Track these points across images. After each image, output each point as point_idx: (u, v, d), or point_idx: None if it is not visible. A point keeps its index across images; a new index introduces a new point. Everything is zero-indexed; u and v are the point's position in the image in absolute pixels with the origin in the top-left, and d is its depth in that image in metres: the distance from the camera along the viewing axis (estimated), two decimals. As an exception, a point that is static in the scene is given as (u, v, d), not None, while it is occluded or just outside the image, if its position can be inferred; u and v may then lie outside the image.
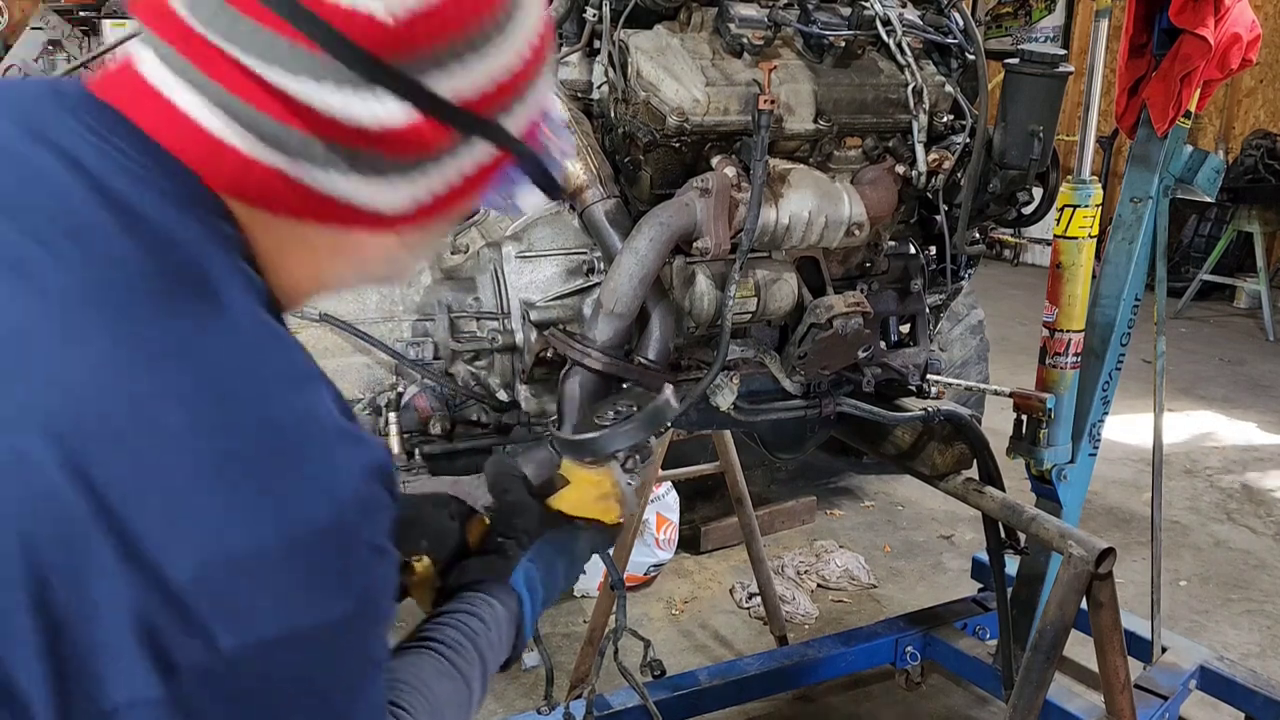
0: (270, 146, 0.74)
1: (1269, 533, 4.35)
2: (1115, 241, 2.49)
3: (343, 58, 0.72)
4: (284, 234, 0.79)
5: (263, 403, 0.68)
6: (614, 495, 1.30)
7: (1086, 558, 1.89)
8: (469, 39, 0.76)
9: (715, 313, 1.77)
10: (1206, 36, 2.22)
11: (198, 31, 0.72)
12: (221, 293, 0.70)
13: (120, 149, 0.72)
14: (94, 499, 0.61)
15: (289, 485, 0.67)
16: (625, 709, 2.53)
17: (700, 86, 1.72)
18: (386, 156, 0.76)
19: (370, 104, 0.74)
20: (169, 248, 0.70)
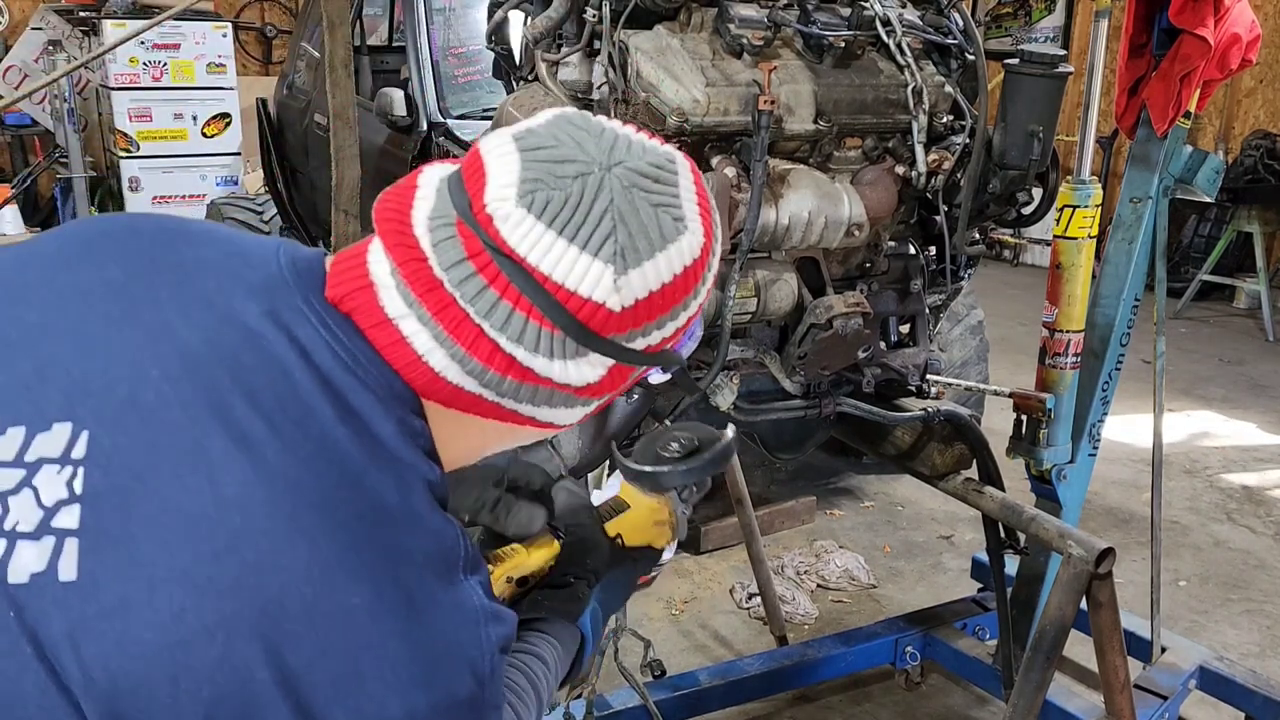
0: (483, 386, 0.85)
1: (1269, 533, 4.35)
2: (1115, 242, 2.49)
3: (574, 336, 0.83)
4: (463, 426, 0.90)
5: (426, 595, 0.78)
6: (669, 523, 1.37)
7: (1086, 558, 1.89)
8: (673, 312, 0.88)
9: (715, 313, 1.77)
10: (1206, 37, 2.22)
11: (451, 295, 0.82)
12: (409, 492, 0.81)
13: (344, 345, 0.83)
14: (280, 672, 0.72)
15: (438, 663, 0.78)
16: (625, 709, 2.53)
17: (700, 87, 1.72)
18: (577, 397, 0.89)
19: (582, 368, 0.86)
20: (372, 441, 0.80)
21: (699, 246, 0.87)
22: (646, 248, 0.83)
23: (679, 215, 0.86)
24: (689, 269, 0.86)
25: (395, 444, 0.81)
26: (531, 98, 1.86)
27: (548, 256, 0.81)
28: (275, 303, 0.83)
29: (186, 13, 5.28)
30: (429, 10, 4.44)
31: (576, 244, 0.81)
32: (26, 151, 7.49)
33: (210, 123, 6.68)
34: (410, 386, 0.84)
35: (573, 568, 1.27)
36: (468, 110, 4.29)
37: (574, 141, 0.84)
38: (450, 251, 0.82)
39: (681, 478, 1.33)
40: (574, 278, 0.81)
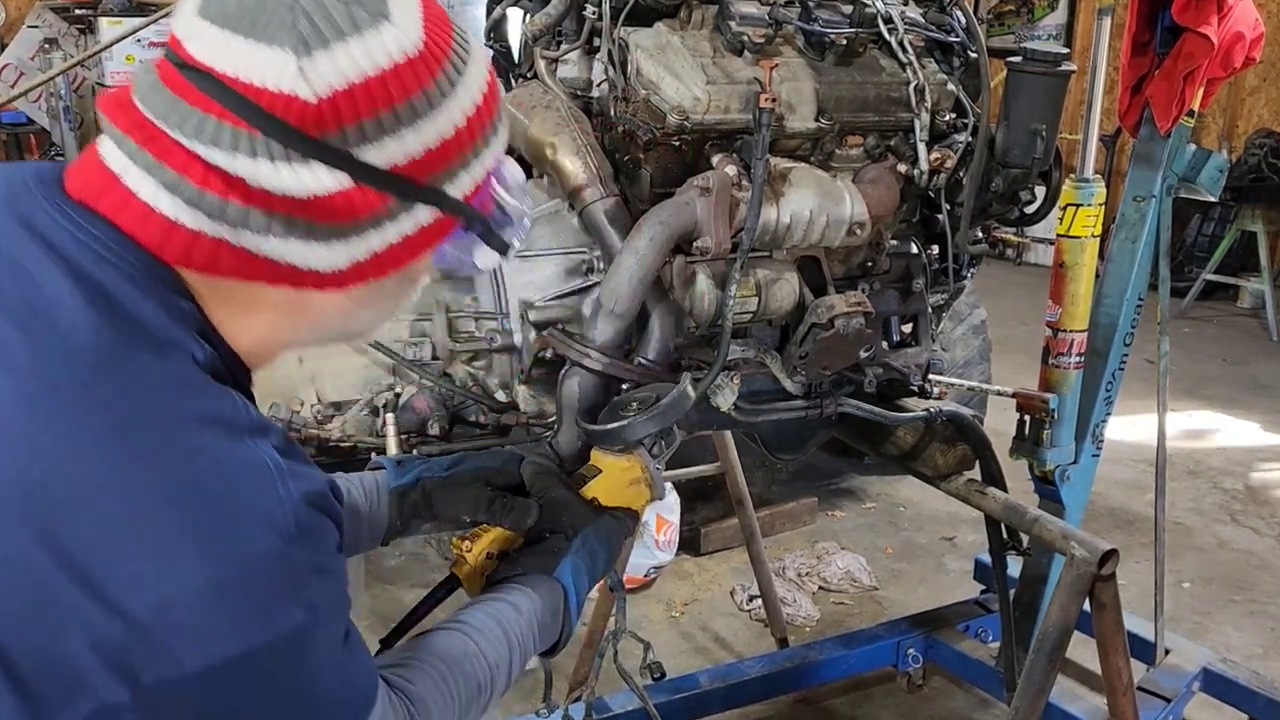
0: (214, 219, 0.82)
1: (1272, 534, 4.33)
2: (1118, 241, 2.48)
3: (274, 135, 0.80)
4: (238, 297, 0.87)
5: (207, 457, 0.77)
6: (644, 480, 1.38)
7: (1089, 559, 1.88)
8: (396, 113, 0.84)
9: (716, 312, 1.76)
10: (1209, 35, 2.21)
11: (148, 119, 0.82)
12: (172, 363, 0.80)
13: (90, 234, 0.82)
14: (61, 556, 0.71)
15: (235, 523, 0.76)
16: (625, 712, 2.52)
17: (701, 85, 1.71)
18: (319, 222, 0.84)
19: (302, 175, 0.81)
20: (129, 323, 0.79)
21: (410, 43, 0.84)
22: (333, 33, 0.81)
23: (380, 11, 0.83)
24: (401, 66, 0.83)
25: (156, 322, 0.80)
26: (530, 95, 1.84)
27: (228, 56, 0.80)
28: (18, 208, 0.83)
29: (186, 12, 5.27)
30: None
31: (254, 37, 0.80)
32: (22, 150, 7.50)
33: (208, 121, 6.67)
34: (170, 267, 0.83)
35: (546, 525, 1.29)
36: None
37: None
38: (145, 81, 0.83)
39: (641, 428, 1.37)
40: (256, 71, 0.80)
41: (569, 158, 1.73)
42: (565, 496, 1.32)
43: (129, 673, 0.72)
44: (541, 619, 1.19)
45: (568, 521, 1.29)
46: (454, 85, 0.87)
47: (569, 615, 1.23)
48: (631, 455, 1.38)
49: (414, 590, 3.61)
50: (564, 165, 1.73)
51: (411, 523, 1.34)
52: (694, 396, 1.40)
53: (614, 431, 1.37)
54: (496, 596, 1.18)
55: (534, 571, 1.23)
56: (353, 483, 1.31)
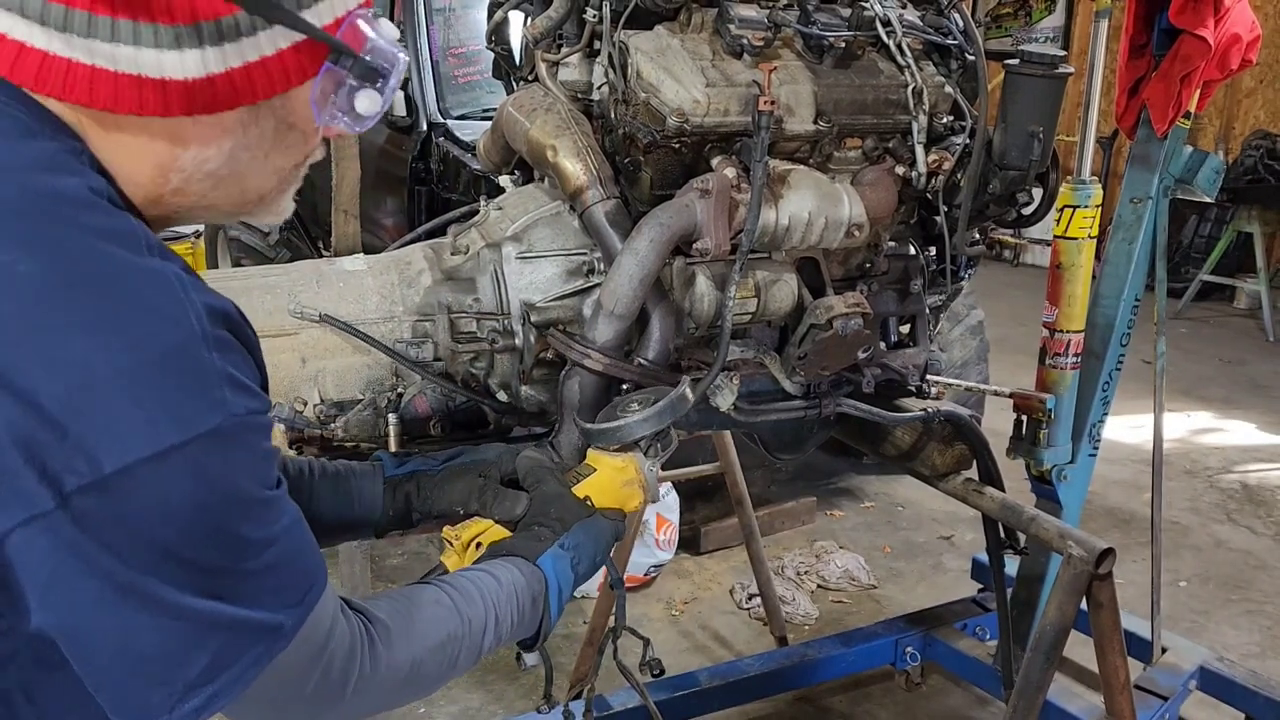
0: (64, 32, 0.79)
1: (1269, 533, 4.35)
2: (1115, 242, 2.49)
3: None
4: (120, 135, 0.85)
5: (109, 259, 0.77)
6: (638, 481, 1.37)
7: (1086, 558, 1.89)
8: None
9: (715, 313, 1.77)
10: (1206, 37, 2.22)
11: None
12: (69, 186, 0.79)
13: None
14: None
15: (139, 316, 0.76)
16: (625, 709, 2.53)
17: (700, 87, 1.72)
18: (163, 24, 0.81)
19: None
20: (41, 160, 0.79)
21: None
22: None
23: None
24: None
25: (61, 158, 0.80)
26: (531, 98, 1.86)
27: None
28: None
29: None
30: (429, 10, 4.44)
31: None
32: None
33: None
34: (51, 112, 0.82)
35: (534, 517, 1.28)
36: (468, 110, 4.29)
37: None
38: None
39: (637, 428, 1.37)
40: None
41: (570, 160, 1.74)
42: (557, 491, 1.31)
43: (52, 477, 0.72)
44: (521, 598, 1.16)
45: (556, 515, 1.28)
46: None
47: (549, 606, 1.21)
48: (627, 456, 1.38)
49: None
50: (565, 167, 1.75)
51: (407, 513, 1.35)
52: (692, 399, 1.40)
53: (610, 430, 1.37)
54: (476, 567, 1.17)
55: (517, 555, 1.21)
56: (350, 468, 1.34)
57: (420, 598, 1.05)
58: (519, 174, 2.02)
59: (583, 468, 1.39)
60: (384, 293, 1.77)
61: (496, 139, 1.97)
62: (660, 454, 1.43)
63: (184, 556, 0.77)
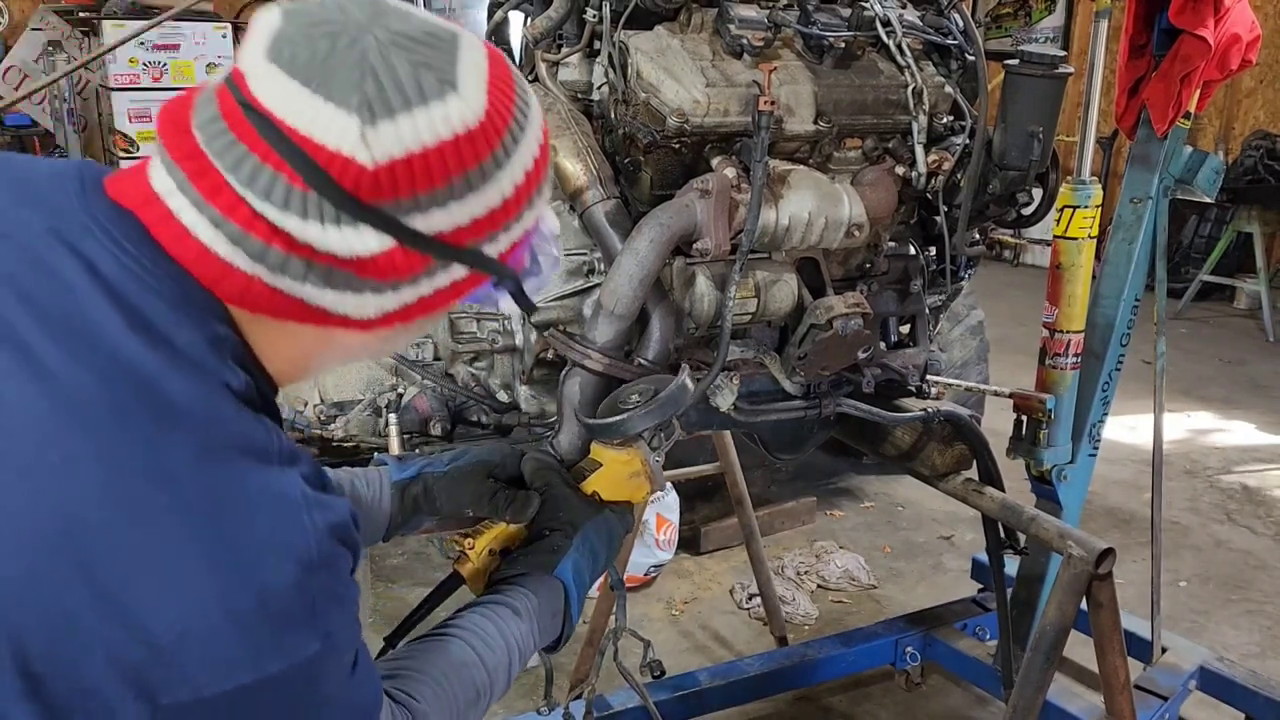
0: (254, 260, 0.82)
1: (1269, 533, 4.35)
2: (1115, 242, 2.49)
3: (327, 195, 0.80)
4: (272, 329, 0.88)
5: (236, 487, 0.78)
6: (643, 473, 1.38)
7: (1086, 558, 1.89)
8: (450, 186, 0.84)
9: (715, 313, 1.77)
10: (1206, 37, 2.22)
11: (205, 155, 0.81)
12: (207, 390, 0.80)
13: (132, 255, 0.82)
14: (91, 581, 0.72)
15: (258, 555, 0.77)
16: (625, 709, 2.53)
17: (700, 88, 1.72)
18: (359, 276, 0.85)
19: (348, 236, 0.82)
20: (168, 348, 0.79)
21: (472, 115, 0.84)
22: (400, 102, 0.80)
23: (447, 79, 0.83)
24: (461, 138, 0.83)
25: (194, 350, 0.81)
26: (531, 98, 1.86)
27: (292, 107, 0.79)
28: (60, 219, 0.83)
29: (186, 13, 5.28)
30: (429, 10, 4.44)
31: (320, 94, 0.79)
32: (26, 152, 7.50)
33: (210, 123, 6.66)
34: (208, 291, 0.84)
35: (546, 523, 1.29)
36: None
37: (338, 6, 0.83)
38: (205, 110, 0.82)
39: (640, 421, 1.37)
40: (319, 128, 0.79)
41: (570, 160, 1.75)
42: (564, 493, 1.32)
43: (148, 693, 0.74)
44: (541, 620, 1.20)
45: (567, 518, 1.29)
46: (509, 156, 0.88)
47: (569, 613, 1.24)
48: (631, 448, 1.39)
49: (417, 588, 3.62)
50: (565, 167, 1.75)
51: (413, 517, 1.35)
52: (693, 389, 1.41)
53: (613, 425, 1.38)
54: (497, 600, 1.18)
55: (534, 570, 1.23)
56: (356, 476, 1.32)
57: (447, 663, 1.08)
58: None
59: (588, 463, 1.40)
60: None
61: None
62: (664, 443, 1.45)
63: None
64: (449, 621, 1.15)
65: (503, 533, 1.31)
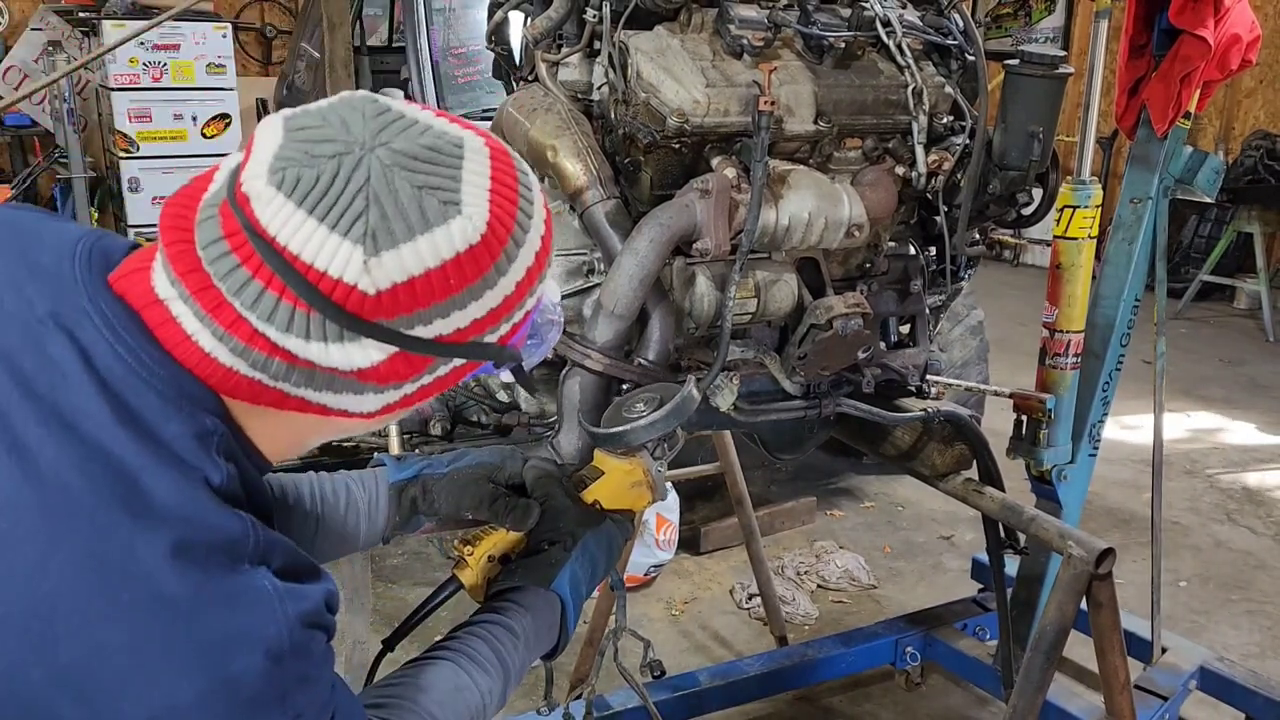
0: (254, 368, 0.84)
1: (1269, 533, 4.35)
2: (1115, 242, 2.49)
3: (329, 316, 0.81)
4: (271, 418, 0.89)
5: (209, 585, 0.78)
6: (646, 483, 1.38)
7: (1086, 558, 1.89)
8: (451, 300, 0.84)
9: (715, 313, 1.77)
10: (1206, 37, 2.22)
11: (208, 274, 0.82)
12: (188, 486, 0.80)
13: (128, 346, 0.82)
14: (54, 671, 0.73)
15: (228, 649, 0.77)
16: (625, 710, 2.53)
17: (700, 88, 1.72)
18: (360, 382, 0.86)
19: (350, 351, 0.83)
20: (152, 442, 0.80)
21: (475, 232, 0.84)
22: (403, 230, 0.81)
23: (450, 199, 0.83)
24: (463, 256, 0.83)
25: (180, 445, 0.81)
26: (531, 98, 1.86)
27: (296, 235, 0.79)
28: (61, 302, 0.83)
29: (186, 13, 5.28)
30: (429, 10, 4.44)
31: (326, 223, 0.79)
32: (26, 152, 7.49)
33: (210, 123, 6.67)
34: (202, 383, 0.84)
35: (546, 534, 1.29)
36: (468, 110, 4.29)
37: (341, 121, 0.83)
38: (209, 230, 0.82)
39: (645, 432, 1.37)
40: (322, 258, 0.79)
41: (570, 160, 1.74)
42: (565, 504, 1.31)
43: None
44: (538, 636, 1.20)
45: (565, 529, 1.28)
46: (511, 261, 0.88)
47: (566, 625, 1.24)
48: (634, 457, 1.38)
49: (416, 589, 3.62)
50: (565, 167, 1.75)
51: (412, 518, 1.34)
52: (699, 399, 1.41)
53: (617, 435, 1.37)
54: (494, 619, 1.18)
55: (532, 584, 1.23)
56: (352, 479, 1.32)
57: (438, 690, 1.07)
58: (519, 174, 2.02)
59: (590, 470, 1.39)
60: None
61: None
62: (667, 453, 1.45)
63: None
64: (444, 643, 1.14)
65: (502, 540, 1.31)
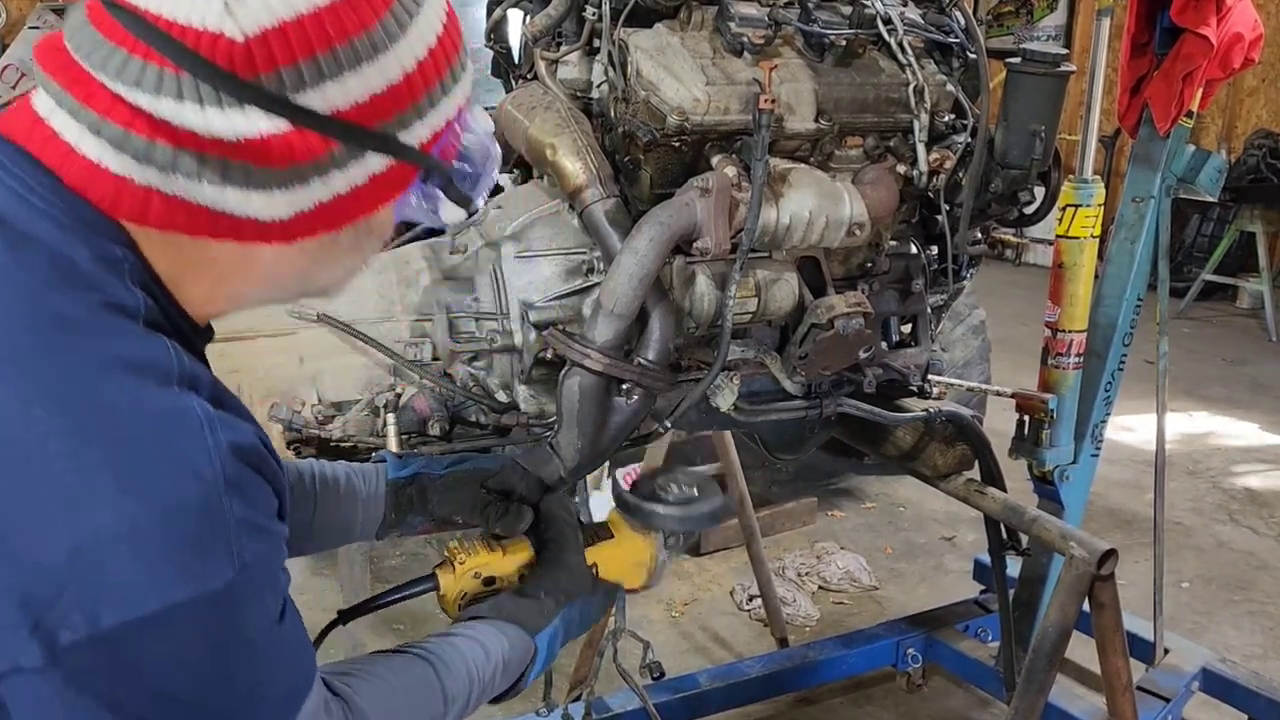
0: (142, 164, 0.78)
1: (1271, 534, 4.34)
2: (1117, 241, 2.48)
3: (202, 76, 0.76)
4: (183, 252, 0.83)
5: (127, 402, 0.74)
6: (648, 567, 1.36)
7: (1088, 559, 1.88)
8: (336, 54, 0.79)
9: (715, 313, 1.76)
10: (1209, 35, 2.21)
11: (75, 61, 0.78)
12: (97, 308, 0.76)
13: (20, 179, 0.78)
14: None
15: (153, 469, 0.73)
16: (625, 711, 2.52)
17: (700, 86, 1.71)
18: (256, 166, 0.79)
19: (233, 118, 0.77)
20: (55, 268, 0.76)
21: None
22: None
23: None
24: (339, 4, 0.78)
25: (84, 267, 0.77)
26: (530, 96, 1.85)
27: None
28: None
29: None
30: None
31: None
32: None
33: (210, 123, 6.68)
34: (99, 210, 0.79)
35: (546, 583, 1.26)
36: (468, 110, 4.28)
37: None
38: (75, 20, 0.79)
39: (673, 524, 1.35)
40: (181, 7, 0.75)
41: (569, 158, 1.74)
42: (574, 560, 1.29)
43: (45, 631, 0.69)
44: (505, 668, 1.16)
45: (565, 586, 1.26)
46: (402, 27, 0.82)
47: (529, 672, 1.20)
48: (649, 538, 1.37)
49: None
50: (564, 166, 1.74)
51: (407, 517, 1.33)
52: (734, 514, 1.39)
53: (646, 513, 1.35)
54: (471, 635, 1.15)
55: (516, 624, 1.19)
56: (353, 471, 1.31)
57: (406, 678, 1.03)
58: (518, 173, 2.02)
59: (601, 529, 1.37)
60: (382, 292, 1.76)
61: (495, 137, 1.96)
62: (679, 545, 1.42)
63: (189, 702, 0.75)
64: (417, 642, 1.11)
65: (496, 561, 1.29)
